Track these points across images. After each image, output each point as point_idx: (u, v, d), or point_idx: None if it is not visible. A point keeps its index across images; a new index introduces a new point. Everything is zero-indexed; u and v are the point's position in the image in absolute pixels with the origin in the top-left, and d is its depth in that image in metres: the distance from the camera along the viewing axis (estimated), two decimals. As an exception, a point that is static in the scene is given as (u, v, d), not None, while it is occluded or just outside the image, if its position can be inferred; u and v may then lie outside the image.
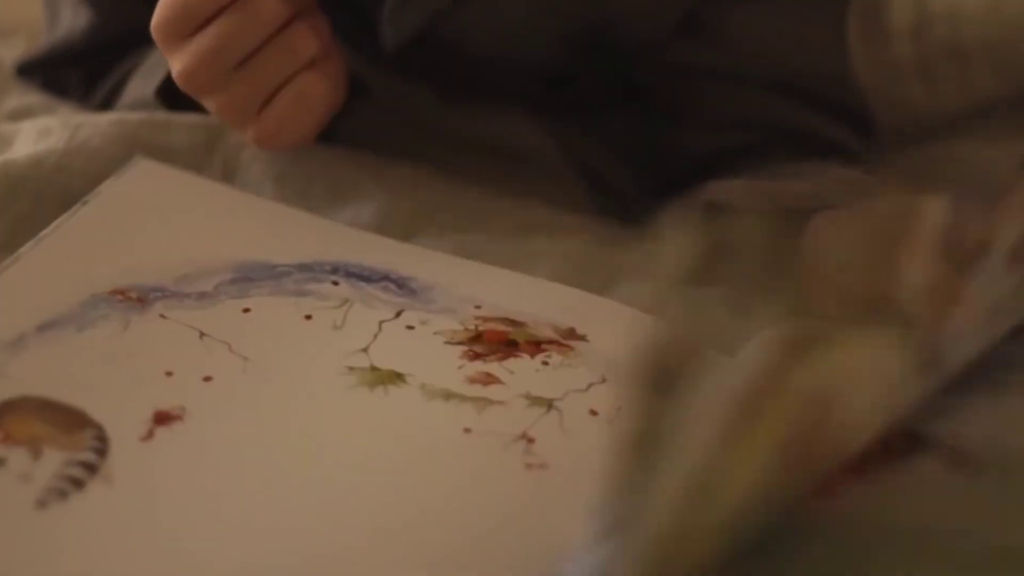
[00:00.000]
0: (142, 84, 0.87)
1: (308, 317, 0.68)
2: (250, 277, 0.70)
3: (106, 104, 0.91)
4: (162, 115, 0.82)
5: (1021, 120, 0.97)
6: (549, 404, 0.64)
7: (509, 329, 0.69)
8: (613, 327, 0.71)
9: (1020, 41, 0.97)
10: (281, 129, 0.76)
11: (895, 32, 0.97)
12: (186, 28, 0.73)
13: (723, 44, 0.86)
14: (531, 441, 0.62)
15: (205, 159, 0.80)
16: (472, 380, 0.66)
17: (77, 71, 0.94)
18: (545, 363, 0.67)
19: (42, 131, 0.79)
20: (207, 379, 0.63)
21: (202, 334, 0.66)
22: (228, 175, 0.80)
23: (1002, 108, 0.97)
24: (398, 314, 0.70)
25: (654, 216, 0.85)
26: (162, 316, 0.66)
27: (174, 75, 0.74)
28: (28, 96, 0.94)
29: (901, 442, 0.59)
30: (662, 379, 0.48)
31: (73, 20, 0.92)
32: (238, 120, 0.76)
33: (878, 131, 0.92)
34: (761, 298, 0.70)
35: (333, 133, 0.81)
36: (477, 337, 0.69)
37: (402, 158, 0.84)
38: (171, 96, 0.83)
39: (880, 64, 0.97)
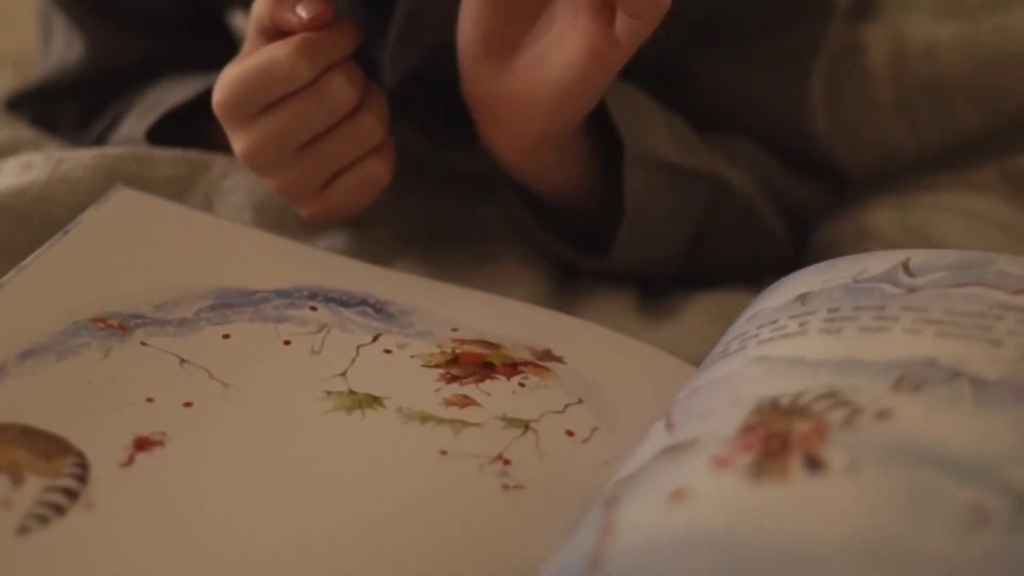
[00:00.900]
0: (136, 124, 0.87)
1: (287, 342, 0.69)
2: (229, 303, 0.71)
3: (100, 142, 0.92)
4: (144, 149, 0.83)
5: (1001, 160, 0.96)
6: (525, 426, 0.65)
7: (486, 351, 0.70)
8: (589, 348, 0.72)
9: (998, 72, 0.97)
10: (342, 208, 0.78)
11: (873, 71, 0.97)
12: (253, 109, 0.73)
13: (695, 91, 0.87)
14: (507, 463, 0.63)
15: (186, 191, 0.81)
16: (449, 403, 0.66)
17: (70, 105, 0.94)
18: (522, 384, 0.68)
19: (24, 165, 0.80)
20: (187, 405, 0.64)
21: (182, 360, 0.67)
22: (208, 206, 0.81)
23: (984, 148, 0.97)
24: (375, 338, 0.70)
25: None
26: (143, 343, 0.67)
27: (236, 153, 0.75)
28: (16, 130, 0.95)
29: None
30: None
31: (66, 50, 0.92)
32: (298, 198, 0.77)
33: (857, 176, 0.93)
34: None
35: None
36: (454, 360, 0.69)
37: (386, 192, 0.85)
38: (161, 138, 0.84)
39: (861, 104, 0.97)
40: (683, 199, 0.82)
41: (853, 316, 0.61)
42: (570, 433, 0.65)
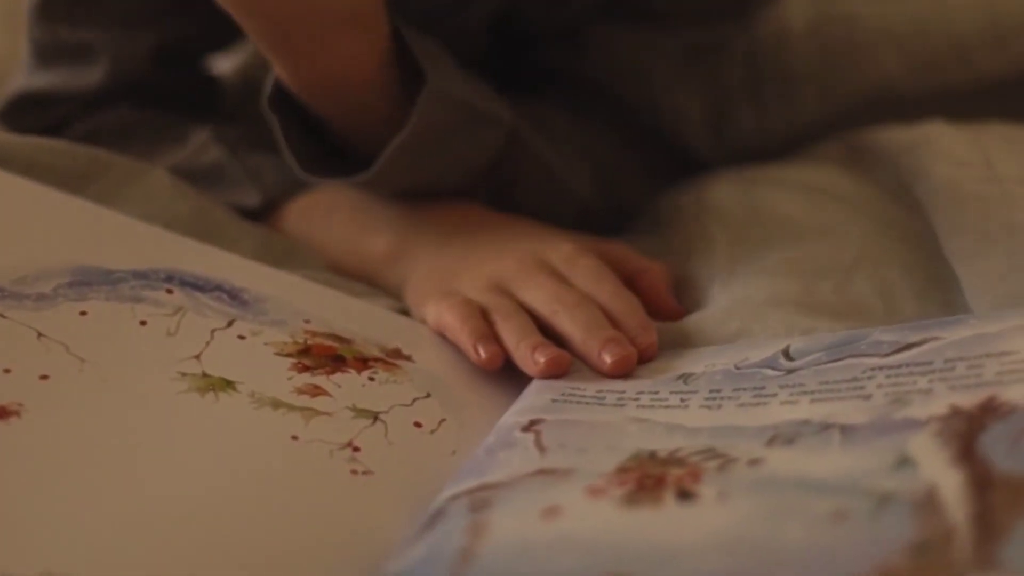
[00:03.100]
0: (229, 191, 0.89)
1: (143, 323, 0.70)
2: (87, 281, 0.72)
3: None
4: (48, 140, 0.84)
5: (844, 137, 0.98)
6: (375, 416, 0.67)
7: (337, 345, 0.72)
8: (438, 349, 0.75)
9: (842, 63, 1.01)
10: None
11: (729, 63, 1.00)
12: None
13: (587, 58, 0.92)
14: (356, 450, 0.65)
15: (81, 186, 0.82)
16: (300, 391, 0.68)
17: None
18: (371, 379, 0.70)
19: None
20: (44, 378, 0.65)
21: (40, 334, 0.67)
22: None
23: (827, 132, 0.99)
24: (230, 323, 0.72)
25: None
26: (1, 316, 0.68)
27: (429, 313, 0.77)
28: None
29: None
30: None
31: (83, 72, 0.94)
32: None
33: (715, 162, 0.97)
34: None
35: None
36: (306, 350, 0.71)
37: None
38: None
39: (716, 96, 1.00)
40: (475, 141, 0.84)
41: (733, 396, 0.65)
42: (418, 424, 0.68)
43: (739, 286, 0.78)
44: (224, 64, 1.00)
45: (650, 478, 0.57)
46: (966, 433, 0.54)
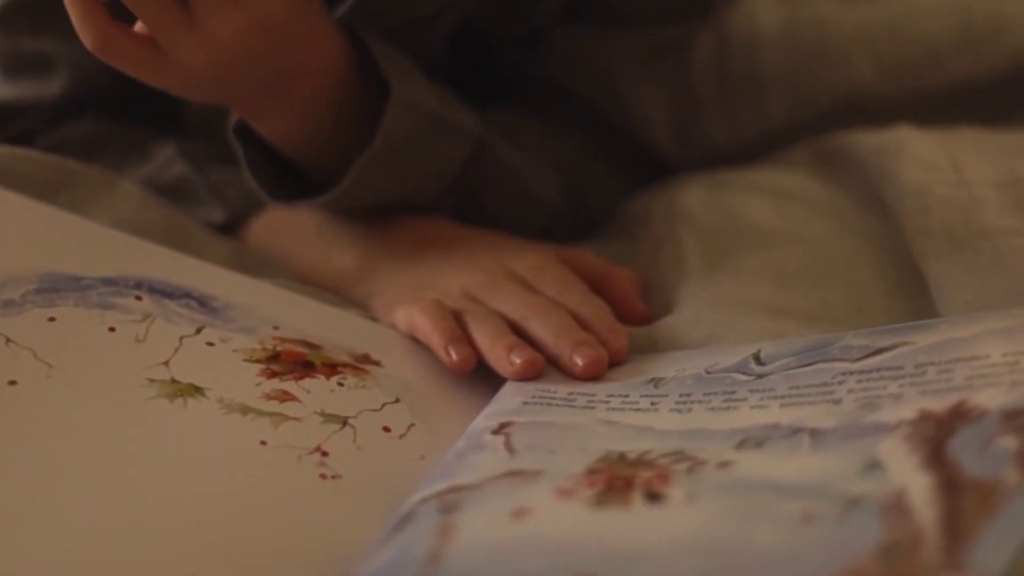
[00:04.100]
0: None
1: (112, 329, 0.70)
2: (56, 288, 0.72)
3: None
4: (19, 149, 0.84)
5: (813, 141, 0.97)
6: (343, 421, 0.67)
7: (306, 351, 0.72)
8: (407, 355, 0.75)
9: (814, 67, 1.01)
10: None
11: (697, 66, 1.00)
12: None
13: (549, 60, 0.92)
14: (325, 454, 0.65)
15: (51, 195, 0.82)
16: (269, 397, 0.68)
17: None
18: (340, 384, 0.70)
19: None
20: (12, 383, 0.65)
21: (8, 340, 0.67)
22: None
23: (797, 136, 0.97)
24: (199, 330, 0.72)
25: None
26: (-32, 322, 0.68)
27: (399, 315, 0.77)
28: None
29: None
30: None
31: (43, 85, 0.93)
32: None
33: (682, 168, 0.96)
34: None
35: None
36: (275, 356, 0.71)
37: None
38: None
39: (682, 98, 0.99)
40: (443, 152, 0.83)
41: (704, 400, 0.65)
42: (387, 429, 0.68)
43: (709, 291, 0.78)
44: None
45: (619, 479, 0.57)
46: (935, 437, 0.55)
